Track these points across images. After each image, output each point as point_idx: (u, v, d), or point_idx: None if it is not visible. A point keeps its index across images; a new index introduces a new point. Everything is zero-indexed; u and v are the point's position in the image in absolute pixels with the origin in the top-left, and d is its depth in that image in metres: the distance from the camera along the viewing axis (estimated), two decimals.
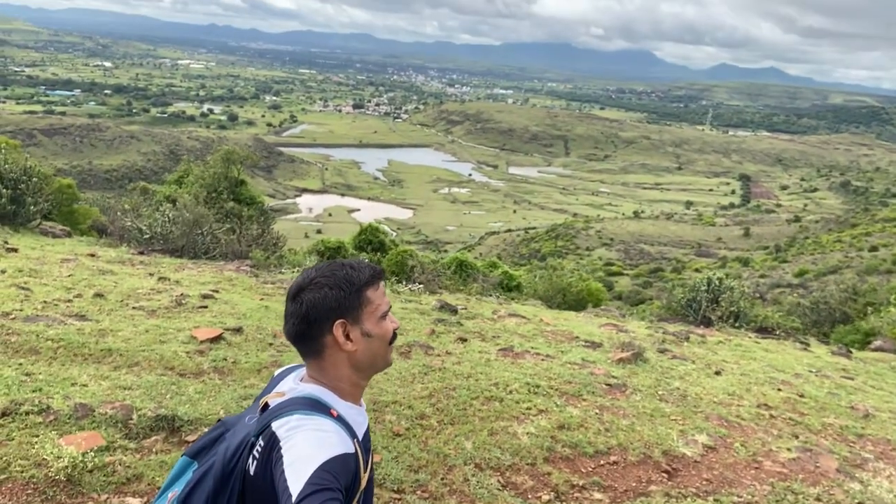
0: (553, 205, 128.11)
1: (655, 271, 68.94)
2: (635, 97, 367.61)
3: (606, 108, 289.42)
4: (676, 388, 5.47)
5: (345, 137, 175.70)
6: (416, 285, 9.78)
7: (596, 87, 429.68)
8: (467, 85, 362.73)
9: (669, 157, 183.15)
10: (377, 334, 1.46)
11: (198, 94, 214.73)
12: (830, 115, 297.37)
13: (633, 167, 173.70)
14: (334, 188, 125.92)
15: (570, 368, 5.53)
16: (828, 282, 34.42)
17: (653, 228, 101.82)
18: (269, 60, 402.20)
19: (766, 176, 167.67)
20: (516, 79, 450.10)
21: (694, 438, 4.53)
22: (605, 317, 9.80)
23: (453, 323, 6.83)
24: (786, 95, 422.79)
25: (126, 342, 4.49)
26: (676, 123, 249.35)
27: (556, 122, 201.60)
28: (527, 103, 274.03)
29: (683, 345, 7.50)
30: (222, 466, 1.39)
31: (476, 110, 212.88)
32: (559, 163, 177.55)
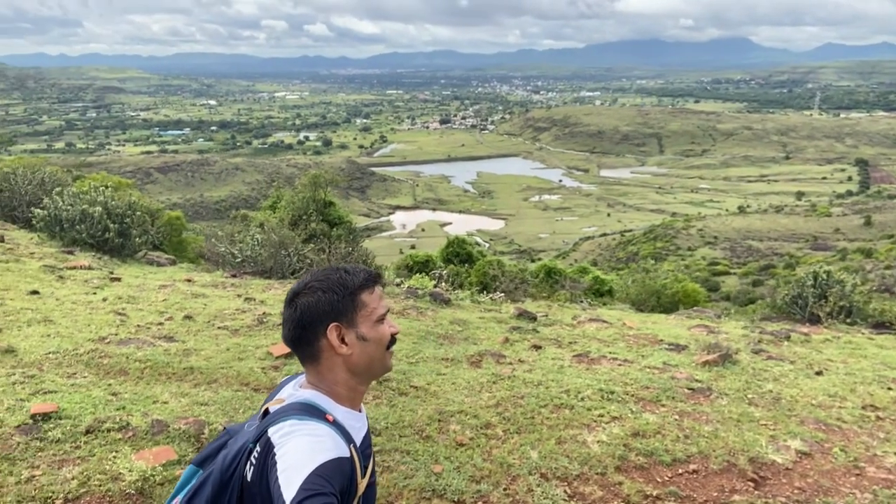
0: (649, 205, 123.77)
1: (766, 268, 64.87)
2: (733, 86, 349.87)
3: (701, 101, 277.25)
4: (769, 390, 5.08)
5: (433, 153, 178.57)
6: (497, 294, 9.72)
7: (689, 79, 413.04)
8: (552, 90, 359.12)
9: (775, 146, 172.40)
10: (373, 338, 1.46)
11: (294, 123, 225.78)
12: None
13: (735, 160, 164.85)
14: (426, 203, 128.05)
15: (650, 373, 5.27)
16: None
17: (761, 223, 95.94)
18: (358, 85, 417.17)
19: (885, 159, 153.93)
20: (603, 80, 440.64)
21: (786, 444, 4.17)
22: (697, 318, 9.30)
23: (529, 330, 6.71)
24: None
25: (207, 360, 4.74)
26: (780, 110, 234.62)
27: (648, 120, 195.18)
28: (615, 103, 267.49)
29: (783, 344, 6.97)
30: (220, 473, 1.42)
31: (563, 115, 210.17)
32: (653, 162, 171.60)
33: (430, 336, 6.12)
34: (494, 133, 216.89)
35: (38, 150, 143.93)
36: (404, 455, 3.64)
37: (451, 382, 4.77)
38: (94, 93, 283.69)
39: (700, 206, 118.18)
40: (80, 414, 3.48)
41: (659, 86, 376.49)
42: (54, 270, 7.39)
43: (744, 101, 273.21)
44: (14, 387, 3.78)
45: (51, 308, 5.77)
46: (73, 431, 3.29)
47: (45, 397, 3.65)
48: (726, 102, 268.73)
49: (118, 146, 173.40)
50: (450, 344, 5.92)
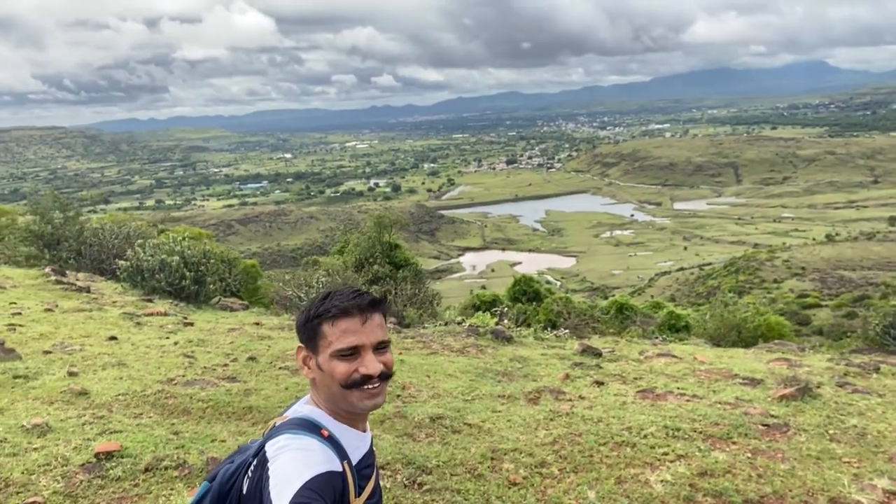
0: (729, 237, 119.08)
1: (860, 299, 60.81)
2: (811, 111, 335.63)
3: (779, 128, 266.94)
4: (853, 425, 4.68)
5: (501, 193, 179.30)
6: (562, 331, 9.52)
7: (763, 106, 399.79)
8: (619, 125, 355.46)
9: (861, 170, 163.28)
10: (326, 370, 1.41)
11: (364, 171, 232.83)
12: None
13: (819, 186, 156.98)
14: (495, 244, 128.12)
15: (720, 409, 4.97)
16: None
17: (852, 252, 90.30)
18: (424, 131, 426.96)
19: None
20: (672, 112, 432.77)
21: (872, 483, 3.81)
22: (778, 352, 8.76)
23: (592, 366, 6.50)
24: None
25: (266, 400, 4.83)
26: (865, 133, 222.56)
27: (722, 150, 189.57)
28: (686, 135, 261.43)
29: (871, 377, 6.45)
30: (219, 486, 1.47)
31: (631, 149, 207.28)
32: (731, 192, 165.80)
33: (489, 373, 6.04)
34: (561, 171, 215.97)
35: (130, 207, 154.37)
36: (454, 494, 3.55)
37: (507, 420, 4.65)
38: (181, 152, 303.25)
39: (784, 235, 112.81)
40: (140, 452, 3.61)
41: (731, 114, 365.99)
42: (133, 317, 7.80)
43: (824, 125, 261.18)
44: (83, 427, 3.97)
45: (126, 352, 6.07)
46: (133, 469, 3.41)
47: (111, 437, 3.81)
48: (805, 128, 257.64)
49: (203, 201, 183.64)
50: (508, 381, 5.81)
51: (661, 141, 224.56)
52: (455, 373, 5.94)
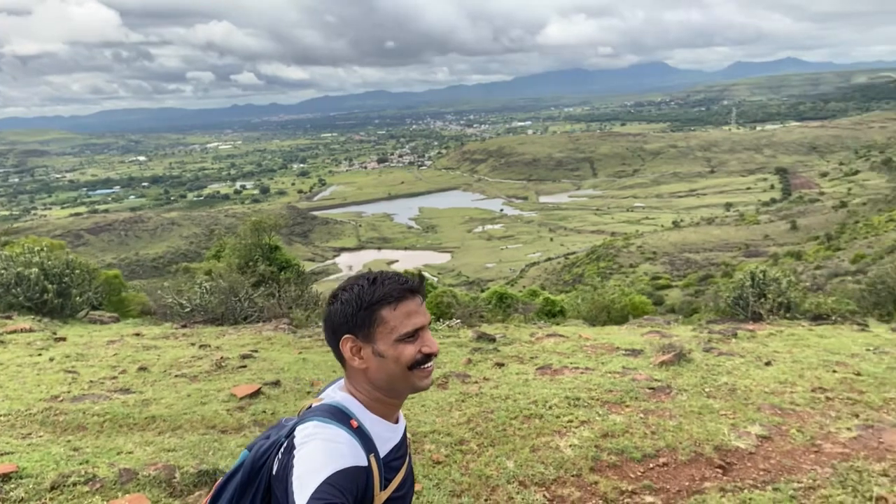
0: (589, 227, 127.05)
1: (705, 279, 67.17)
2: (655, 108, 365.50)
3: (627, 124, 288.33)
4: (724, 383, 5.31)
5: (374, 193, 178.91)
6: (454, 321, 9.79)
7: (613, 104, 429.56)
8: (485, 123, 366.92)
9: (700, 161, 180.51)
10: (390, 356, 1.37)
11: (229, 173, 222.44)
12: (858, 95, 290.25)
13: (665, 177, 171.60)
14: (370, 243, 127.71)
15: (611, 378, 5.43)
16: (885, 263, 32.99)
17: (695, 236, 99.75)
18: (291, 130, 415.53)
19: (803, 166, 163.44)
20: (532, 110, 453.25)
21: (747, 430, 4.36)
22: (648, 326, 9.60)
23: (490, 350, 6.79)
24: (808, 83, 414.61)
25: (169, 408, 4.61)
26: (701, 127, 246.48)
27: (579, 146, 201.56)
28: (547, 132, 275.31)
29: (731, 341, 7.29)
30: (252, 462, 1.43)
31: (498, 146, 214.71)
32: (588, 185, 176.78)
33: None
34: (432, 168, 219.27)
35: None
36: None
37: (421, 405, 4.78)
38: (16, 157, 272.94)
39: (637, 224, 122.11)
40: (41, 472, 3.34)
41: (586, 112, 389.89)
42: None
43: (666, 121, 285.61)
44: None
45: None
46: (38, 489, 3.15)
47: (2, 459, 3.48)
48: (650, 123, 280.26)
49: (45, 210, 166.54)
50: None
51: (525, 138, 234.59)
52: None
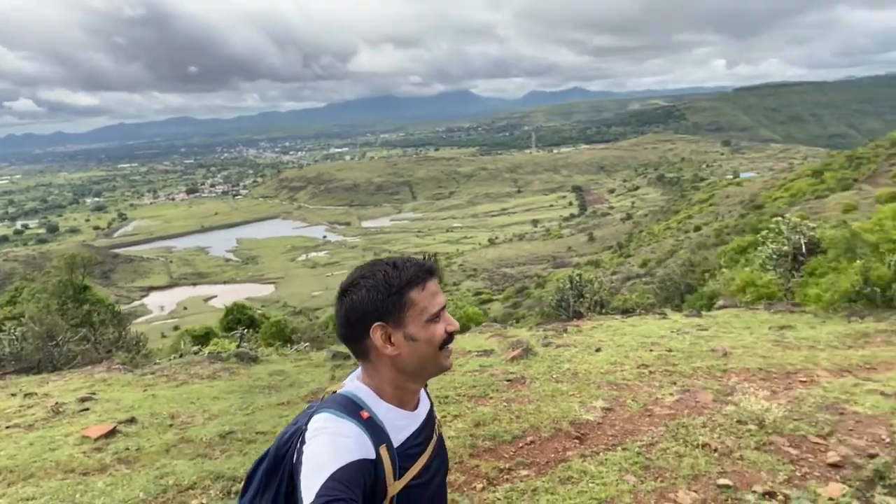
0: (412, 249, 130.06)
1: (522, 290, 71.88)
2: (464, 134, 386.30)
3: (441, 148, 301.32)
4: (567, 369, 5.97)
5: (185, 225, 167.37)
6: (302, 345, 9.70)
7: (426, 130, 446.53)
8: (301, 150, 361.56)
9: (508, 182, 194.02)
10: (423, 338, 1.37)
11: (6, 211, 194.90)
12: (634, 121, 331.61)
13: (479, 198, 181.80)
14: (184, 279, 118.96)
15: (472, 376, 5.84)
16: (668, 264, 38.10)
17: (509, 251, 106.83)
18: (82, 161, 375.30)
19: (594, 184, 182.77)
20: (348, 136, 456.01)
21: (593, 405, 4.99)
22: (489, 331, 10.29)
23: (350, 366, 6.90)
24: (592, 110, 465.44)
25: (12, 458, 4.14)
26: (507, 151, 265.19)
27: (398, 170, 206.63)
28: (365, 157, 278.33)
29: (563, 336, 8.13)
30: (276, 449, 1.45)
31: (316, 173, 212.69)
32: (409, 207, 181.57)
33: (255, 389, 6.01)
34: (249, 198, 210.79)
35: None
36: None
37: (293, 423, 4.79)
38: None
39: (457, 243, 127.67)
40: None
41: (401, 138, 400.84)
42: None
43: (475, 145, 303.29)
44: None
45: None
46: None
47: None
48: (461, 148, 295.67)
49: None
50: (278, 392, 5.88)
51: (343, 164, 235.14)
52: (220, 395, 5.78)
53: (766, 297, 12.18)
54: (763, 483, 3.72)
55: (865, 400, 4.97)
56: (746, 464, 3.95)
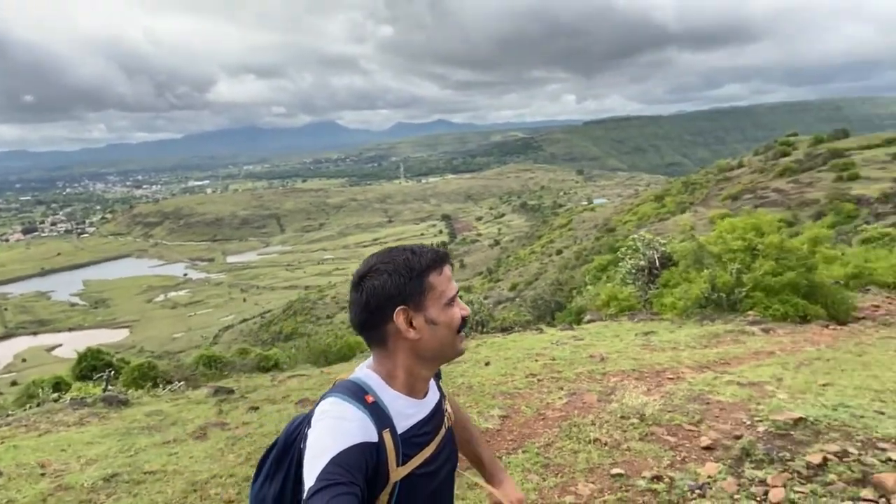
0: (283, 283, 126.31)
1: None
2: (332, 165, 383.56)
3: (308, 180, 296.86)
4: (462, 382, 6.13)
5: (21, 269, 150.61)
6: (177, 384, 9.12)
7: (292, 162, 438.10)
8: (156, 183, 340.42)
9: (378, 212, 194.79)
10: (443, 322, 1.39)
11: None
12: (496, 151, 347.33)
13: (349, 229, 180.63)
14: (23, 329, 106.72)
15: None
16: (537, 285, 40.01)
17: None
18: None
19: (462, 212, 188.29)
20: (209, 168, 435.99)
21: (490, 414, 5.16)
22: None
23: (237, 399, 6.62)
24: (457, 141, 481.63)
25: None
26: (376, 182, 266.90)
27: (264, 203, 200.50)
28: (227, 190, 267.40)
29: None
30: (286, 435, 1.44)
31: (174, 207, 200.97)
32: (277, 241, 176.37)
33: (133, 430, 5.59)
34: (97, 235, 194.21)
35: None
36: None
37: (189, 457, 4.52)
38: None
39: (329, 275, 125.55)
40: None
41: (266, 170, 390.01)
42: None
43: (344, 176, 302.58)
44: None
45: None
46: None
47: None
48: (330, 179, 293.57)
49: None
50: (160, 431, 5.50)
51: (204, 197, 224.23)
52: (94, 440, 5.30)
53: (627, 308, 13.19)
54: (650, 469, 4.05)
55: (725, 390, 5.56)
56: (634, 453, 4.28)
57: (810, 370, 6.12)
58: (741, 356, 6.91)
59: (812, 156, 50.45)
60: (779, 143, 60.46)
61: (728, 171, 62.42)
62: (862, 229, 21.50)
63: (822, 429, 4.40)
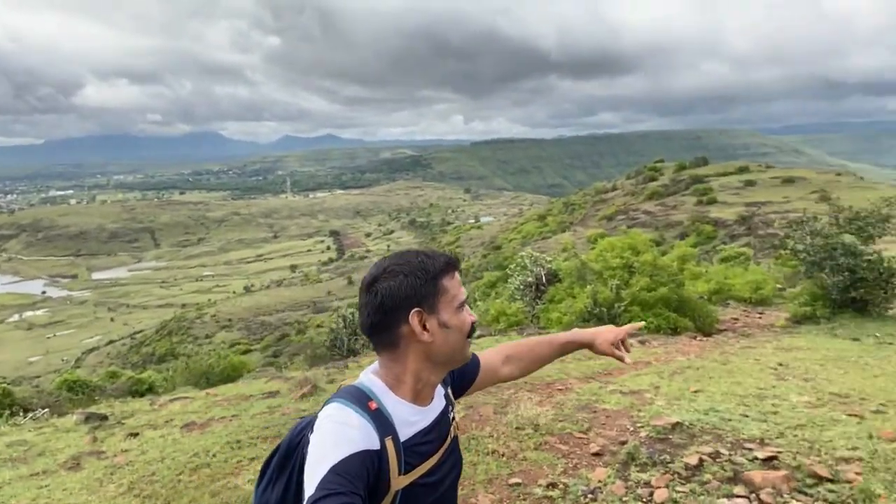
0: (156, 301, 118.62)
1: (282, 338, 69.69)
2: (213, 177, 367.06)
3: (187, 192, 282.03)
4: None
5: None
6: (39, 412, 8.31)
7: (169, 173, 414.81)
8: (11, 192, 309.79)
9: (263, 228, 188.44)
10: (454, 325, 1.38)
11: None
12: (385, 168, 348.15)
13: (231, 244, 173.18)
14: None
15: (262, 418, 5.61)
16: None
17: (267, 299, 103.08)
18: None
19: (351, 228, 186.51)
20: (73, 177, 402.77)
21: None
22: (263, 377, 9.90)
23: (113, 425, 6.14)
24: (346, 157, 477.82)
25: None
26: (261, 196, 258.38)
27: (136, 215, 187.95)
28: (94, 201, 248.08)
29: (346, 372, 8.20)
30: (289, 439, 1.43)
31: (32, 219, 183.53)
32: (151, 256, 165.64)
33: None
34: None
35: None
36: None
37: (62, 489, 4.14)
38: None
39: (208, 292, 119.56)
40: None
41: (139, 180, 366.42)
42: None
43: (226, 189, 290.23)
44: None
45: None
46: None
47: None
48: (211, 192, 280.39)
49: None
50: (25, 463, 4.99)
51: (67, 208, 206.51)
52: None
53: (516, 324, 13.65)
54: (546, 477, 4.21)
55: (610, 399, 5.90)
56: (529, 463, 4.44)
57: (683, 378, 6.63)
58: (622, 367, 7.36)
59: (676, 181, 54.96)
60: (647, 169, 65.39)
61: (604, 193, 66.51)
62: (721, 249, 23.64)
63: (697, 432, 4.79)
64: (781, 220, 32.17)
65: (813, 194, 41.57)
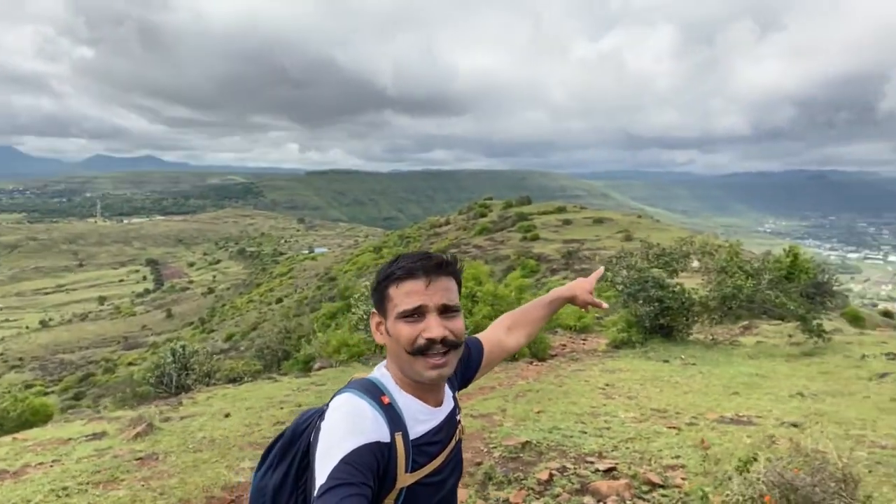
0: None
1: (86, 378, 62.53)
2: (6, 197, 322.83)
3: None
4: (203, 437, 5.67)
5: None
6: None
7: None
8: None
9: (66, 255, 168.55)
10: (393, 335, 1.36)
11: None
12: (213, 194, 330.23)
13: (26, 273, 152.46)
14: None
15: (90, 461, 5.03)
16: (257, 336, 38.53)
17: (68, 334, 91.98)
18: None
19: (171, 257, 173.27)
20: None
21: (241, 467, 4.88)
22: (79, 420, 8.84)
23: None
24: (168, 180, 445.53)
25: None
26: (64, 219, 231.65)
27: None
28: None
29: (180, 409, 7.61)
30: (295, 426, 1.43)
31: None
32: None
33: None
34: None
35: None
36: None
37: None
38: None
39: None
40: None
41: None
42: None
43: (23, 210, 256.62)
44: None
45: None
46: None
47: None
48: (4, 213, 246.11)
49: None
50: None
51: None
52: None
53: (358, 354, 13.57)
54: None
55: (463, 422, 6.11)
56: None
57: (526, 400, 7.05)
58: (469, 391, 7.64)
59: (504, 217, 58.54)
60: (478, 206, 68.97)
61: (438, 227, 68.81)
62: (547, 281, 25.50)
63: (544, 449, 5.12)
64: (593, 255, 35.55)
65: (619, 233, 46.44)
